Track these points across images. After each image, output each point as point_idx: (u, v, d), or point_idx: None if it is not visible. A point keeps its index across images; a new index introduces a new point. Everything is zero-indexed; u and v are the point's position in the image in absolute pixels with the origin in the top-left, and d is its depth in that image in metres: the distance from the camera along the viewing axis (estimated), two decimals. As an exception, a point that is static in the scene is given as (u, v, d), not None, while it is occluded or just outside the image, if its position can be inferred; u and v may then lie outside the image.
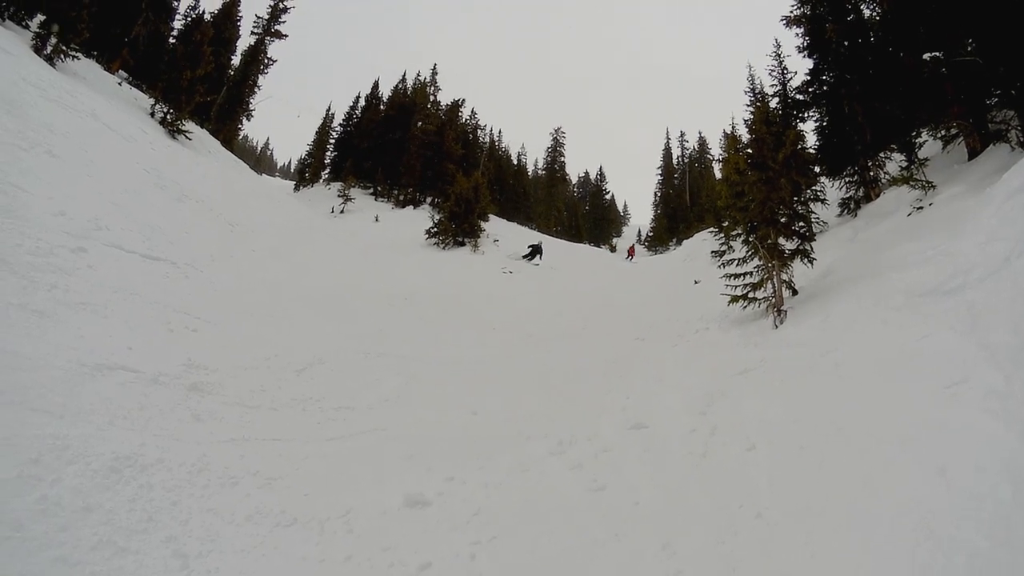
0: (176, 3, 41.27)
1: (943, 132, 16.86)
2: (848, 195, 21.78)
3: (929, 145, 18.54)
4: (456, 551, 5.74)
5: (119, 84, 29.42)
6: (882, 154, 20.35)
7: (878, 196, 20.04)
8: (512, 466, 7.93)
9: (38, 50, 23.27)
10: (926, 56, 15.22)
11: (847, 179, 21.83)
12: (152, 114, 27.67)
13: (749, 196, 14.46)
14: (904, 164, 17.95)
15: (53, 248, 9.79)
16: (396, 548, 5.96)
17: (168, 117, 27.77)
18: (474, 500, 6.92)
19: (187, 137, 27.99)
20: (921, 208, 13.98)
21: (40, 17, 24.56)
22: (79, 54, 25.58)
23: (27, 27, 25.25)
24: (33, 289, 8.59)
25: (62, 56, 24.03)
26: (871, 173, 20.96)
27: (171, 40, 38.79)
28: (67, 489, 5.40)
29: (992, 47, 13.48)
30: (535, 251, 38.31)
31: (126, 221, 12.65)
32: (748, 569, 4.97)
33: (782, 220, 13.94)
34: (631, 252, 56.00)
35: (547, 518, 6.46)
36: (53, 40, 23.86)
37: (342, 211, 55.67)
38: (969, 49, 14.39)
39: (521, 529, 6.26)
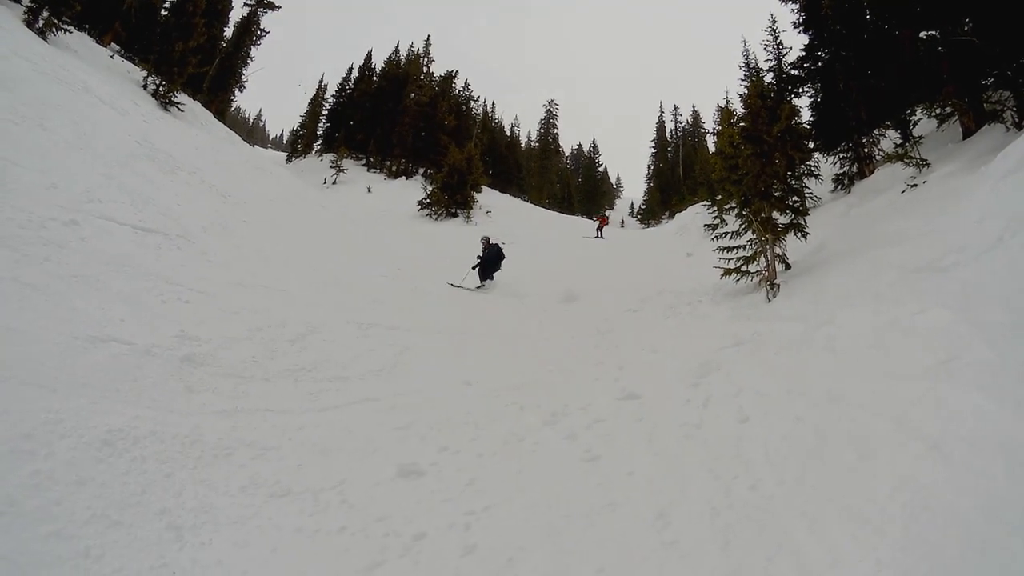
0: (168, -25, 40.95)
1: (938, 111, 16.87)
2: (842, 171, 21.90)
3: (924, 123, 18.53)
4: (451, 521, 5.76)
5: (111, 57, 29.11)
6: (876, 131, 20.41)
7: (872, 173, 20.13)
8: (506, 436, 7.99)
9: (30, 24, 23.01)
10: (922, 34, 15.20)
11: (841, 155, 21.92)
12: (144, 86, 27.45)
13: (743, 169, 14.47)
14: (898, 141, 17.95)
15: (45, 221, 9.73)
16: (390, 518, 5.99)
17: (160, 89, 27.53)
18: (468, 470, 6.95)
19: (179, 109, 27.78)
20: (915, 185, 13.99)
21: (32, -9, 24.39)
22: (71, 27, 25.28)
23: (19, 1, 25.06)
24: (25, 262, 8.53)
25: (54, 30, 23.73)
26: (865, 150, 21.04)
27: (163, 12, 38.49)
28: (60, 463, 5.40)
29: (989, 27, 13.45)
30: (486, 263, 21.17)
31: (118, 193, 12.55)
32: (743, 540, 5.00)
33: (776, 194, 13.98)
34: (601, 224, 44.05)
35: (541, 488, 6.49)
36: (45, 14, 23.64)
37: (334, 182, 55.93)
38: (966, 29, 14.34)
39: (516, 499, 6.29)
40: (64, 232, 9.85)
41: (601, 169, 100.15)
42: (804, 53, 22.98)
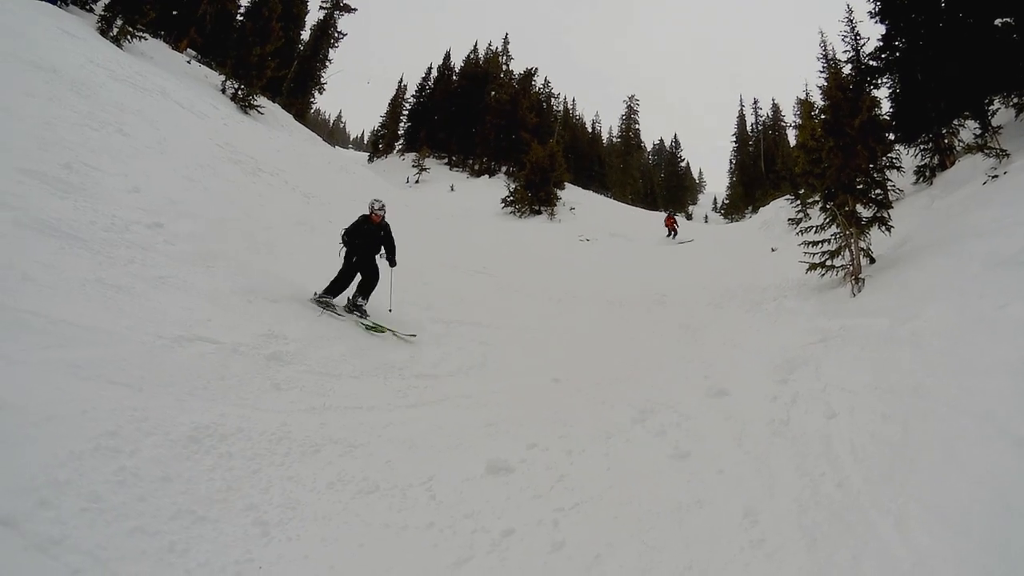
0: (242, -19, 41.56)
1: (1015, 100, 16.51)
2: (923, 163, 21.40)
3: (1002, 113, 18.10)
4: (539, 518, 5.75)
5: (188, 62, 29.81)
6: (956, 121, 19.94)
7: (953, 164, 19.69)
8: (594, 433, 7.95)
9: (104, 32, 23.72)
10: (997, 22, 14.85)
11: (922, 146, 21.43)
12: (223, 90, 28.06)
13: (826, 162, 14.27)
14: (978, 132, 17.55)
15: (128, 224, 9.94)
16: (479, 515, 6.00)
17: (239, 93, 28.15)
18: (557, 467, 6.93)
19: (259, 112, 28.32)
20: (996, 176, 13.66)
21: (105, 0, 24.95)
22: (146, 34, 26.01)
23: (91, 11, 25.63)
24: (110, 264, 8.71)
25: (129, 37, 24.47)
26: (945, 141, 20.57)
27: (239, 17, 39.12)
28: (145, 460, 5.50)
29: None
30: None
31: (201, 195, 12.82)
32: (829, 538, 4.93)
33: (859, 187, 13.75)
34: (671, 225, 38.18)
35: (630, 485, 6.46)
36: (119, 22, 24.31)
37: (417, 181, 56.50)
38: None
39: (604, 496, 6.27)
40: (149, 234, 10.06)
41: (683, 164, 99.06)
42: (881, 43, 22.43)
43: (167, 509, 5.14)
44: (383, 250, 12.40)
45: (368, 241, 12.09)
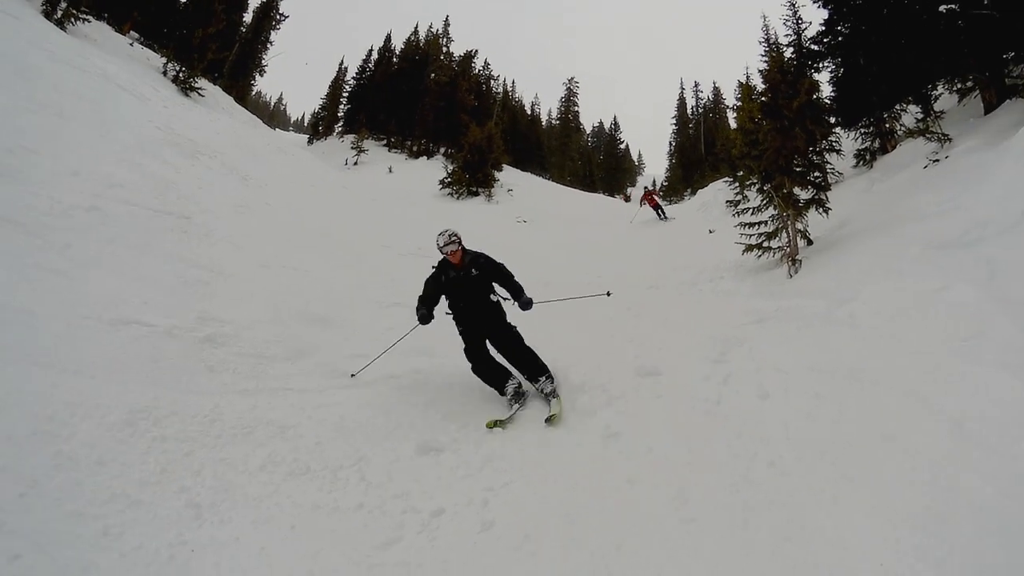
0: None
1: (959, 85, 16.80)
2: (864, 146, 21.71)
3: (945, 98, 18.39)
4: (469, 497, 5.75)
5: (130, 44, 29.49)
6: (898, 106, 20.22)
7: (894, 148, 19.98)
8: (525, 413, 7.96)
9: (48, 15, 23.37)
10: (942, 8, 15.05)
11: (862, 130, 21.73)
12: (164, 73, 27.75)
13: (763, 144, 14.43)
14: (920, 116, 17.81)
15: (67, 208, 9.84)
16: (409, 495, 6.01)
17: (180, 75, 27.86)
18: (487, 447, 6.93)
19: (200, 94, 28.06)
20: (937, 160, 13.85)
21: (50, -18, 24.56)
22: (90, 17, 25.67)
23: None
24: (48, 248, 8.65)
25: (72, 19, 24.14)
26: (887, 125, 20.86)
27: (181, 0, 38.69)
28: (81, 444, 5.47)
29: (1009, 1, 13.29)
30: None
31: (140, 178, 12.66)
32: (762, 517, 4.96)
33: (797, 169, 13.91)
34: (649, 200, 36.03)
35: (561, 464, 6.48)
36: (63, 4, 23.96)
37: (356, 163, 56.24)
38: (986, 2, 14.18)
39: (535, 475, 6.28)
40: (87, 217, 9.95)
41: (623, 146, 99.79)
42: (824, 28, 22.63)
43: (102, 493, 5.12)
44: (497, 291, 8.90)
45: (470, 296, 8.66)
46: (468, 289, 8.56)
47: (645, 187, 46.24)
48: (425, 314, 8.54)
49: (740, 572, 4.49)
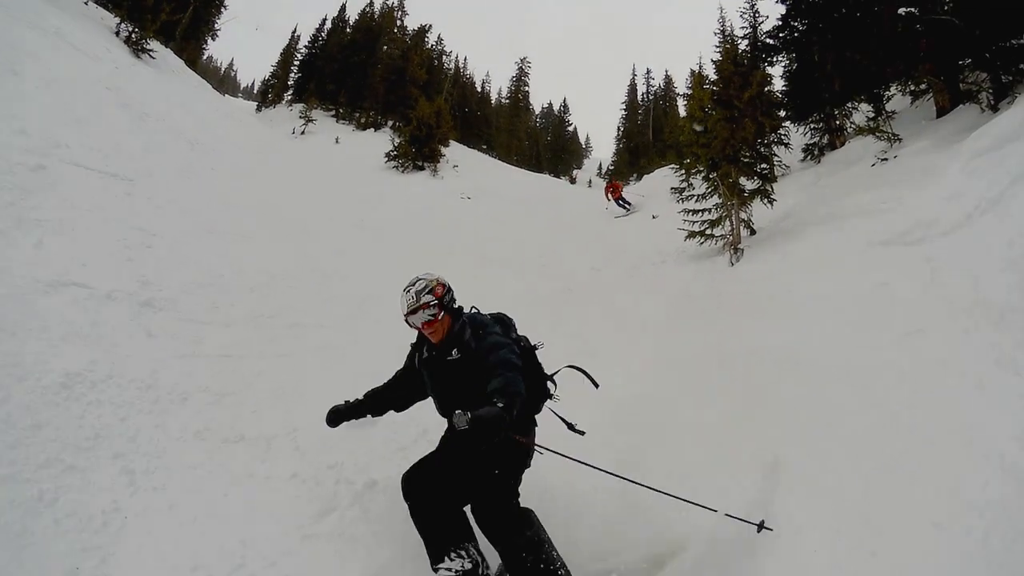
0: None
1: (912, 87, 17.01)
2: (813, 141, 22.05)
3: (897, 100, 18.66)
4: (400, 469, 5.74)
5: (85, 3, 28.72)
6: (849, 104, 20.47)
7: (843, 144, 20.31)
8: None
9: (4, -30, 22.74)
10: (901, 11, 15.19)
11: (812, 125, 22.07)
12: (117, 33, 27.08)
13: (712, 133, 14.55)
14: (871, 115, 18.01)
15: (12, 167, 9.64)
16: (342, 466, 6.12)
17: (133, 36, 27.18)
18: (421, 420, 6.90)
19: (151, 56, 27.46)
20: (886, 159, 14.08)
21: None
22: (45, -27, 25.07)
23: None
24: (-11, 207, 8.49)
25: (26, -24, 23.49)
26: (837, 122, 21.14)
27: (136, -42, 38.04)
28: (17, 406, 5.39)
29: (970, 9, 13.44)
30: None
31: (87, 139, 12.41)
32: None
33: (744, 159, 14.10)
34: (617, 195, 31.71)
35: None
36: (19, -38, 23.32)
37: (303, 132, 55.58)
38: (946, 8, 14.36)
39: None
40: (31, 177, 9.76)
41: (571, 128, 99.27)
42: (780, 22, 22.82)
43: (37, 457, 5.08)
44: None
45: (442, 396, 5.14)
46: (440, 383, 5.06)
47: (608, 176, 44.43)
48: (339, 413, 5.58)
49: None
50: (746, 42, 31.51)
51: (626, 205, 31.14)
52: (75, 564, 4.53)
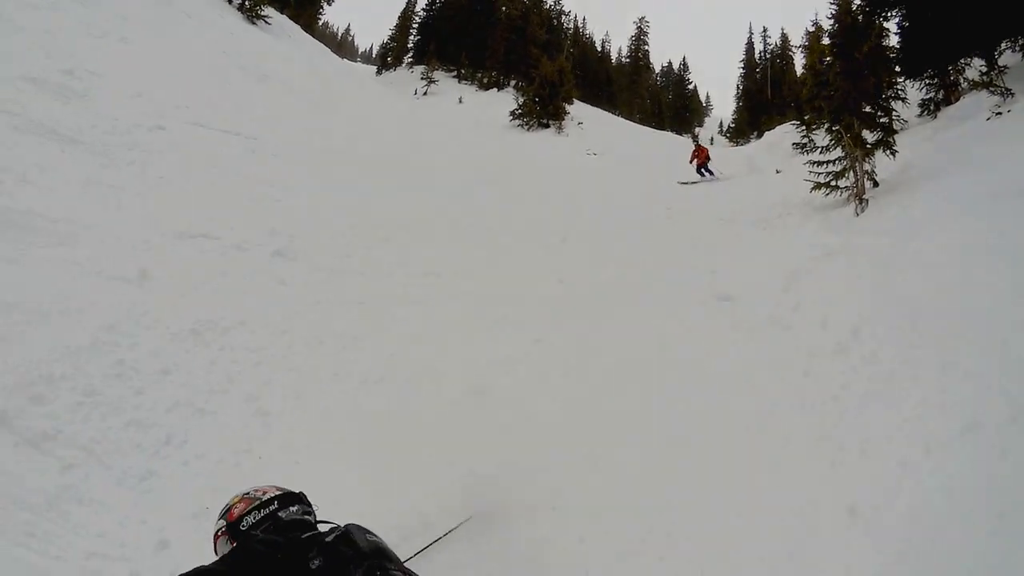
0: None
1: (1022, 43, 16.42)
2: (928, 96, 21.29)
3: (1008, 55, 18.03)
4: (551, 405, 5.88)
5: (193, -28, 29.40)
6: (962, 60, 19.84)
7: (957, 100, 19.58)
8: (597, 328, 8.10)
9: (109, -62, 23.20)
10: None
11: (927, 81, 21.33)
12: (230, 1, 27.60)
13: (833, 86, 14.36)
14: (984, 70, 17.45)
15: (130, 128, 9.97)
16: (490, 391, 6.30)
17: (246, 3, 27.59)
18: (562, 358, 7.00)
19: (266, 22, 27.72)
20: (1000, 113, 13.59)
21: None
22: (151, -56, 25.50)
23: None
24: (111, 166, 8.82)
25: (135, -56, 23.92)
26: (951, 77, 20.48)
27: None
28: (144, 353, 5.67)
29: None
30: None
31: (206, 100, 12.85)
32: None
33: (865, 110, 13.80)
34: (701, 158, 27.87)
35: (628, 372, 6.72)
36: (124, -69, 23.77)
37: (425, 93, 55.85)
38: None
39: (613, 388, 6.47)
40: (150, 137, 10.07)
41: (691, 87, 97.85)
42: (893, -23, 22.18)
43: (164, 402, 5.31)
44: None
45: None
46: None
47: (695, 139, 40.96)
48: None
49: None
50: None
51: (708, 173, 27.44)
52: (204, 504, 4.58)
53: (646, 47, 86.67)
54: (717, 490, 5.22)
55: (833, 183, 14.09)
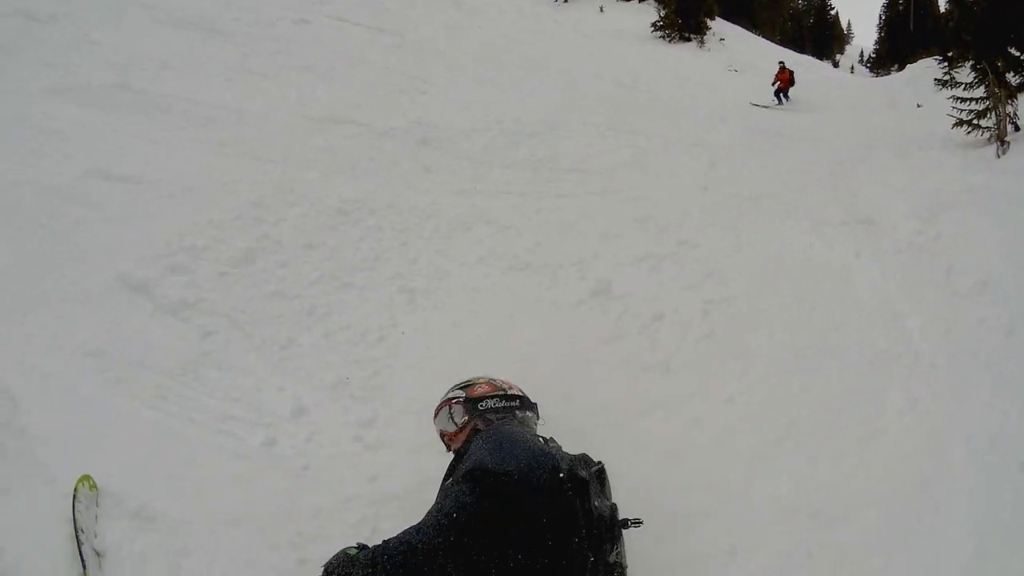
0: None
1: None
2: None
3: None
4: (690, 304, 5.80)
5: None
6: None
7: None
8: (740, 236, 7.81)
9: None
10: None
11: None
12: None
13: (980, 19, 13.75)
14: None
15: (274, 21, 10.14)
16: (630, 297, 6.08)
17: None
18: (707, 262, 6.86)
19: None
20: None
21: None
22: None
23: None
24: (254, 56, 8.98)
25: None
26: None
27: None
28: (289, 228, 5.78)
29: None
30: None
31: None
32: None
33: (1012, 51, 13.24)
34: (783, 82, 26.58)
35: (771, 277, 6.51)
36: None
37: (566, 1, 55.34)
38: None
39: (752, 291, 6.24)
40: (294, 29, 10.22)
41: (833, 12, 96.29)
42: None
43: (309, 275, 5.42)
44: None
45: None
46: None
47: (781, 61, 36.85)
48: None
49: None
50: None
51: (786, 99, 26.36)
52: (345, 374, 4.75)
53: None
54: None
55: (975, 121, 13.57)
